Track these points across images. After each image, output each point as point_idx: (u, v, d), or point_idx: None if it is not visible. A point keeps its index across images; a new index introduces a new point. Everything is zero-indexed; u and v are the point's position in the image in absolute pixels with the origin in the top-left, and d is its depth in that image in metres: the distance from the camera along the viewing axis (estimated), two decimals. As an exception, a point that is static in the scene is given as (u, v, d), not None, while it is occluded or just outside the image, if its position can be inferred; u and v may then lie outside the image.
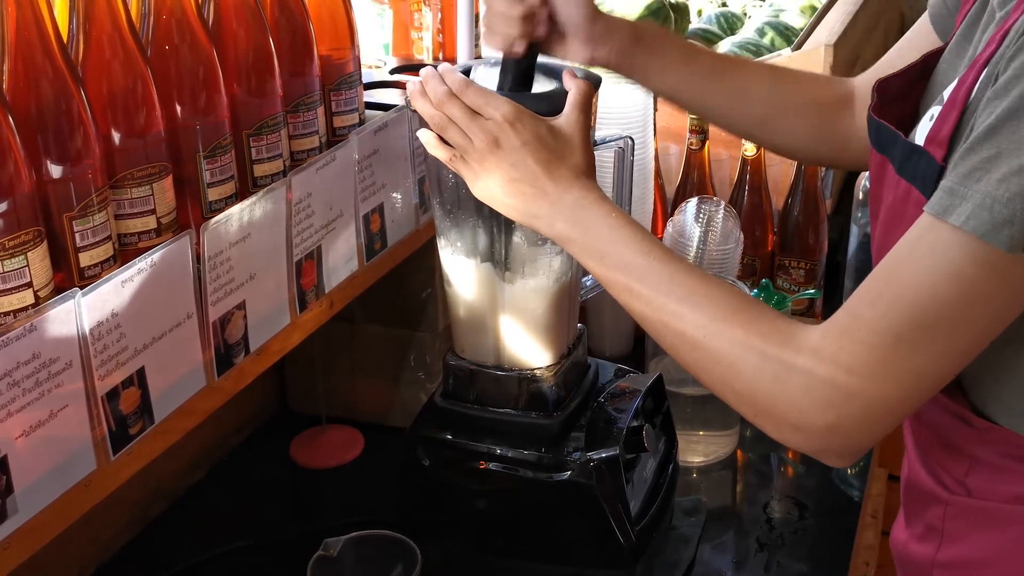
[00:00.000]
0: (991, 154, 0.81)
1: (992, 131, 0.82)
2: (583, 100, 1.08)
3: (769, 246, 1.81)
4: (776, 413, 0.92)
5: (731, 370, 0.94)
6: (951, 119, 0.90)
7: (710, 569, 1.35)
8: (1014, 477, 0.98)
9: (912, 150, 0.94)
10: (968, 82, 0.90)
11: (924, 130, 0.94)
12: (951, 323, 0.85)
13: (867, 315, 0.88)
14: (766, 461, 1.58)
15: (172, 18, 1.01)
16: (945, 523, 1.04)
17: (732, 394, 0.96)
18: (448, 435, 1.26)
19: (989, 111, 0.83)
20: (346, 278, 1.24)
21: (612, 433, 1.23)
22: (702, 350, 0.96)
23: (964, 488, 1.02)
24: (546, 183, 1.04)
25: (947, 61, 1.04)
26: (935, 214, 0.84)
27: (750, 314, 0.94)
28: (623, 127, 1.61)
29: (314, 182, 1.15)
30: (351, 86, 1.26)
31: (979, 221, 0.81)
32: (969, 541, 1.02)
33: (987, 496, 1.00)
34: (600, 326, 1.75)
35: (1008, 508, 0.99)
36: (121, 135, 0.97)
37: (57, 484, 0.88)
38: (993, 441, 0.98)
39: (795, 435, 0.93)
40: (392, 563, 1.18)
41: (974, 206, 0.81)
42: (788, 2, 2.33)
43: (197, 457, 1.54)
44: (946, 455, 1.03)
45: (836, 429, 0.90)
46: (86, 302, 0.88)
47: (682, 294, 0.97)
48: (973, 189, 0.82)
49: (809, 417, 0.90)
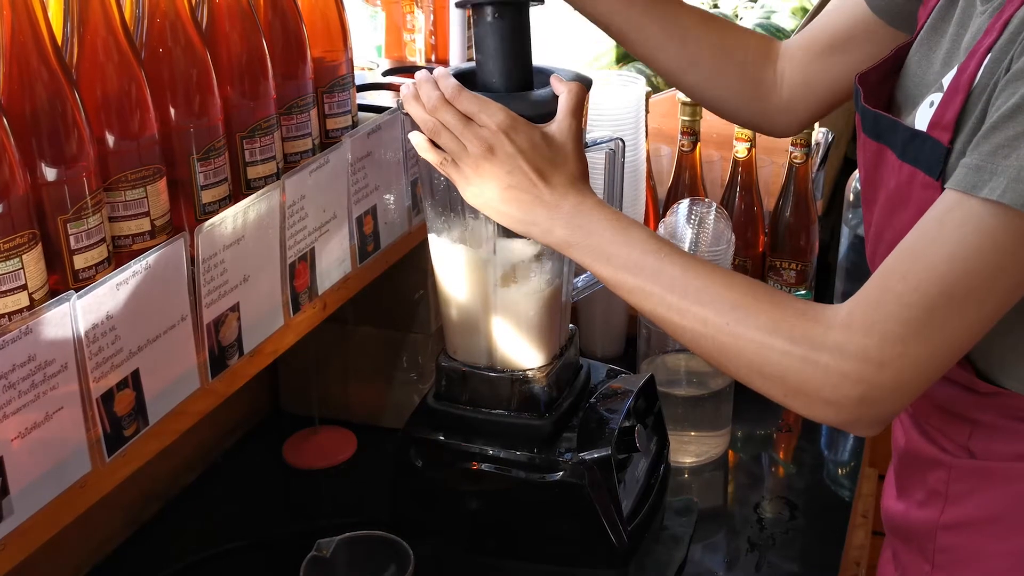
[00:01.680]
0: (1017, 132, 0.86)
1: (1017, 110, 0.86)
2: (575, 105, 1.09)
3: (760, 247, 1.81)
4: (808, 390, 0.94)
5: (758, 356, 0.96)
6: (955, 104, 0.94)
7: (701, 569, 1.36)
8: (1016, 437, 1.01)
9: (914, 135, 0.98)
10: (970, 69, 0.94)
11: (925, 116, 0.98)
12: (981, 292, 0.89)
13: (898, 288, 0.91)
14: (757, 461, 1.59)
15: (166, 21, 1.02)
16: (949, 486, 1.07)
17: (760, 378, 0.97)
18: (441, 436, 1.26)
19: (1011, 92, 0.87)
20: (339, 280, 1.25)
21: (604, 433, 1.23)
22: (726, 340, 0.97)
23: (966, 451, 1.05)
24: (542, 190, 1.05)
25: (918, 53, 1.07)
26: (963, 190, 0.88)
27: (771, 300, 0.97)
28: (614, 129, 1.61)
29: (307, 184, 1.15)
30: (344, 88, 1.27)
31: (1015, 193, 0.85)
32: (974, 501, 1.05)
33: (989, 456, 1.04)
34: (592, 327, 1.75)
35: (1011, 466, 1.02)
36: (115, 137, 0.97)
37: (52, 486, 0.89)
38: (995, 405, 1.01)
39: (827, 410, 0.95)
40: (385, 564, 1.18)
41: (1008, 179, 0.86)
42: (779, 3, 2.34)
43: (191, 458, 1.54)
44: (946, 421, 1.06)
45: (867, 400, 0.93)
46: (81, 304, 0.88)
47: (699, 287, 0.99)
48: (1003, 165, 0.86)
49: (842, 390, 0.93)
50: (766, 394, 0.99)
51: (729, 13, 2.41)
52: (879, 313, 0.91)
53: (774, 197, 1.81)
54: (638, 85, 1.69)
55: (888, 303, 0.91)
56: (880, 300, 0.92)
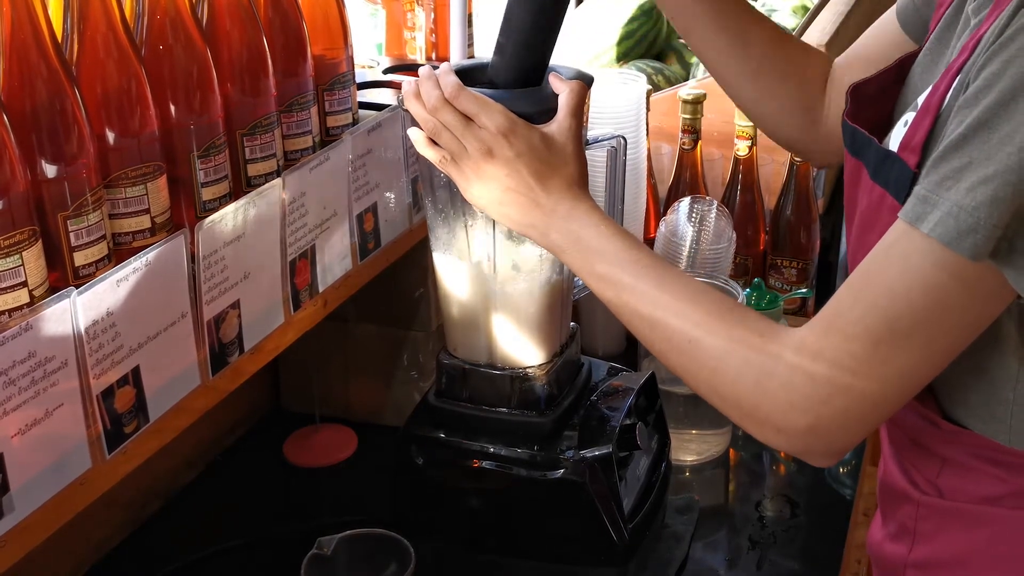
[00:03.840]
0: (962, 163, 0.82)
1: (963, 140, 0.82)
2: (576, 105, 1.08)
3: (761, 245, 1.81)
4: (760, 415, 0.93)
5: (715, 374, 0.95)
6: (924, 126, 0.91)
7: (702, 567, 1.36)
8: (984, 478, 0.98)
9: (886, 156, 0.94)
10: (941, 89, 0.91)
11: (898, 136, 0.94)
12: (926, 329, 0.86)
13: (847, 316, 0.89)
14: (758, 460, 1.59)
15: (166, 18, 1.02)
16: (917, 523, 1.04)
17: (718, 398, 0.97)
18: (441, 434, 1.26)
19: (960, 119, 0.84)
20: (340, 277, 1.25)
21: (605, 431, 1.23)
22: (688, 355, 0.97)
23: (935, 488, 1.02)
24: (539, 194, 1.05)
25: (921, 65, 1.04)
26: (908, 221, 0.85)
27: (734, 318, 0.95)
28: (615, 127, 1.61)
29: (308, 182, 1.15)
30: (344, 86, 1.26)
31: (945, 228, 0.82)
32: (940, 541, 1.03)
33: (957, 497, 1.01)
34: (593, 325, 1.75)
35: (978, 509, 0.99)
36: (115, 134, 0.97)
37: (52, 483, 0.89)
38: (962, 444, 0.99)
39: (778, 437, 0.94)
40: (386, 561, 1.18)
41: (942, 214, 0.82)
42: (780, 2, 2.34)
43: (191, 456, 1.54)
44: (919, 455, 1.04)
45: (816, 430, 0.91)
46: (81, 301, 0.88)
47: (669, 301, 0.98)
48: (943, 197, 0.82)
49: (791, 418, 0.91)
50: (726, 415, 0.98)
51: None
52: (830, 336, 0.89)
53: (775, 195, 1.81)
54: (639, 83, 1.69)
55: (839, 329, 0.89)
56: (830, 327, 0.89)
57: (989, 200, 0.80)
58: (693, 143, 1.78)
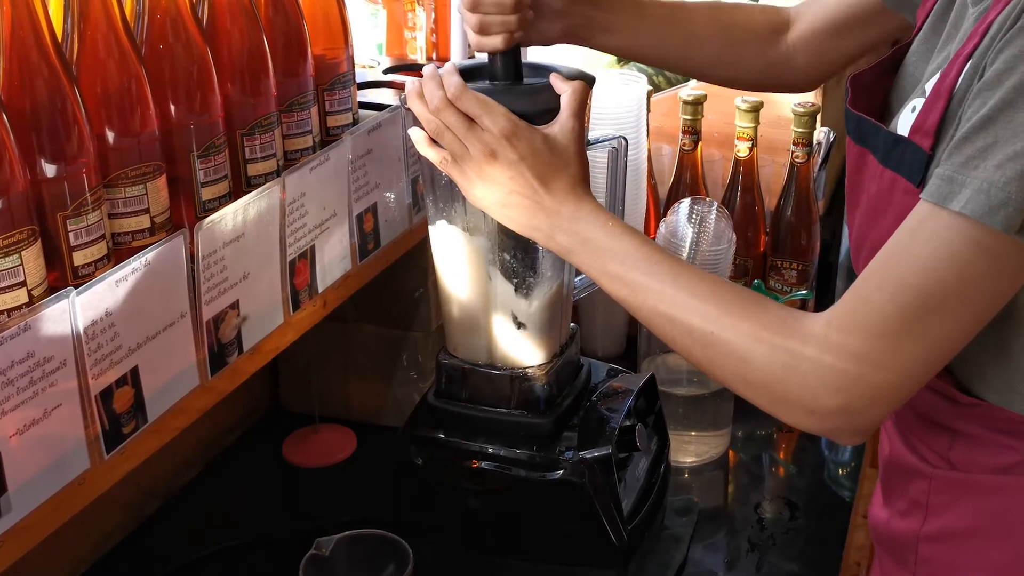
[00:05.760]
0: (988, 143, 0.85)
1: (988, 120, 0.86)
2: (578, 106, 1.09)
3: (761, 247, 1.81)
4: (790, 399, 0.95)
5: (743, 363, 0.96)
6: (936, 110, 0.94)
7: (701, 569, 1.36)
8: (996, 449, 1.01)
9: (896, 140, 0.98)
10: (952, 75, 0.94)
11: (907, 121, 0.97)
12: (954, 305, 0.89)
13: (874, 299, 0.91)
14: (758, 461, 1.59)
15: (166, 17, 1.02)
16: (930, 497, 1.06)
17: (745, 385, 0.98)
18: (441, 434, 1.26)
19: (982, 101, 0.87)
20: (339, 278, 1.24)
21: (604, 432, 1.23)
22: (713, 346, 0.98)
23: (947, 462, 1.05)
24: (543, 196, 1.05)
25: (916, 54, 1.07)
26: (935, 201, 0.88)
27: (755, 307, 0.97)
28: (616, 127, 1.61)
29: (308, 182, 1.15)
30: (345, 86, 1.26)
31: (977, 204, 0.85)
32: (954, 513, 1.05)
33: (970, 468, 1.03)
34: (592, 326, 1.75)
35: (991, 478, 1.02)
36: (115, 134, 0.97)
37: (51, 483, 0.88)
38: (976, 416, 1.01)
39: (809, 419, 0.95)
40: (384, 562, 1.18)
41: (972, 191, 0.85)
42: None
43: (190, 456, 1.54)
44: (927, 431, 1.06)
45: (847, 410, 0.93)
46: (80, 301, 0.88)
47: (687, 295, 0.99)
48: (971, 176, 0.86)
49: (821, 400, 0.93)
50: (753, 402, 0.99)
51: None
52: (856, 322, 0.91)
53: (775, 197, 1.81)
54: (639, 84, 1.69)
55: (865, 313, 0.91)
56: (857, 310, 0.92)
57: (1019, 175, 0.84)
58: (693, 144, 1.77)
